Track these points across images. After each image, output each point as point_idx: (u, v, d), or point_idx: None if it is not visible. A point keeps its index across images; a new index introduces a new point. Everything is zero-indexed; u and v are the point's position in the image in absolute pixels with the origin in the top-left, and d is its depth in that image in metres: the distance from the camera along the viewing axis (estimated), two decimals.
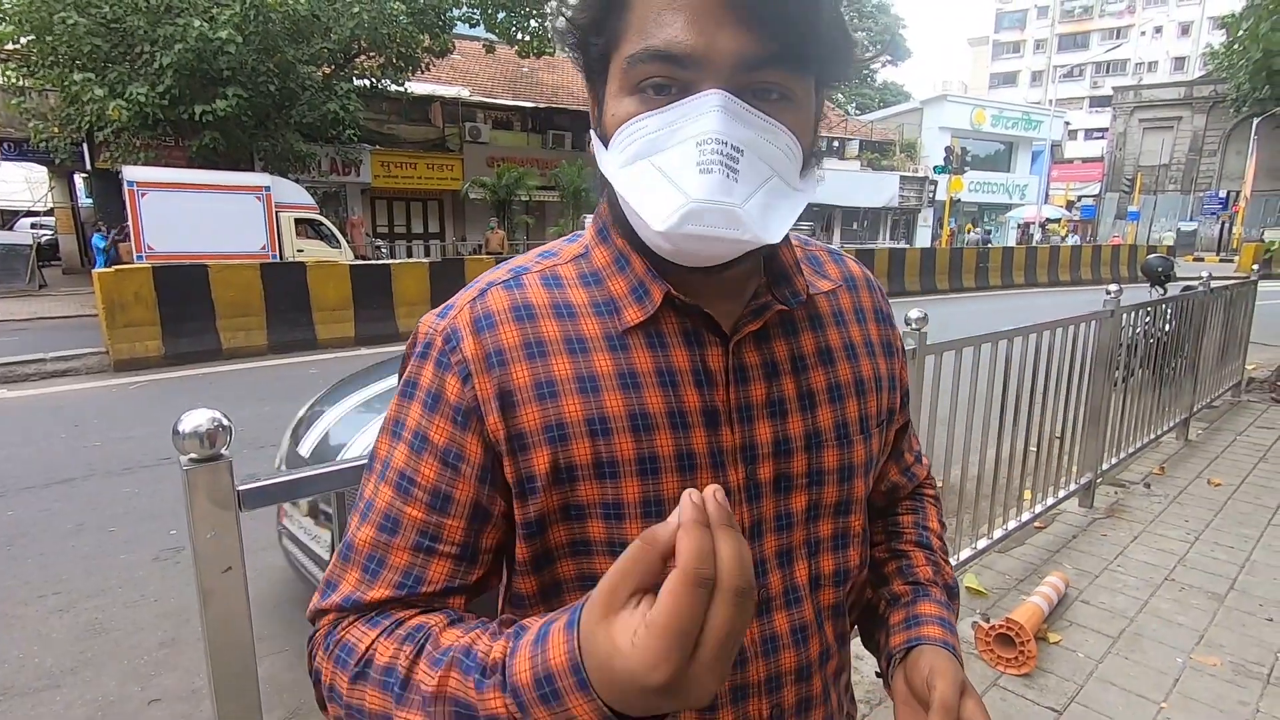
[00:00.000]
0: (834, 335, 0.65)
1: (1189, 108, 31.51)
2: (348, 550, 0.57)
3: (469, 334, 0.57)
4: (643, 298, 0.58)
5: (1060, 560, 3.03)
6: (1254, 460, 4.33)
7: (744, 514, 0.59)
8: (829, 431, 0.62)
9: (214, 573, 0.92)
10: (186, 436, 0.89)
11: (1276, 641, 2.44)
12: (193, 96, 11.47)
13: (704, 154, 0.49)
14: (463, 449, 0.56)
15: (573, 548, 0.58)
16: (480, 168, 19.49)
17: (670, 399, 0.57)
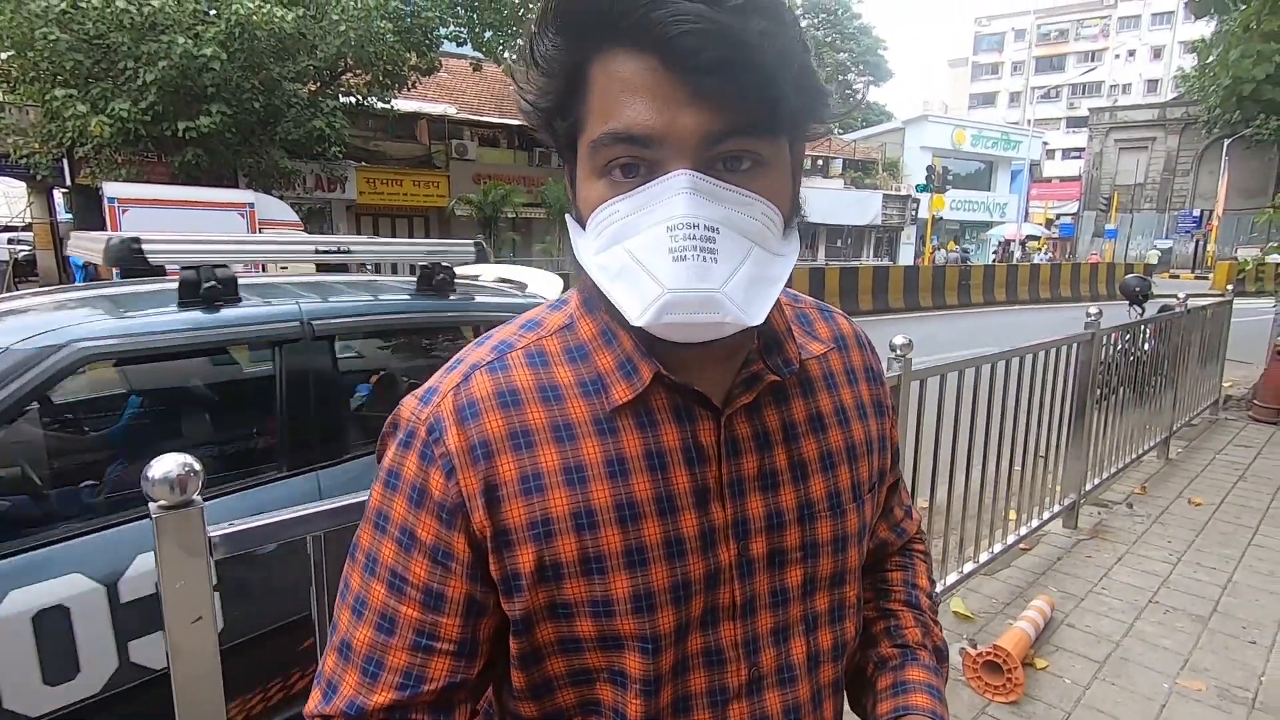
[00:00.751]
0: (825, 400, 0.64)
1: (1163, 129, 32.26)
2: (346, 650, 0.56)
3: (453, 424, 0.54)
4: (631, 375, 0.56)
5: (1045, 583, 3.03)
6: (1233, 479, 4.38)
7: (735, 591, 0.58)
8: (822, 502, 0.61)
9: (183, 623, 0.89)
10: (156, 483, 0.86)
11: (1259, 665, 2.45)
12: (176, 113, 11.41)
13: (675, 240, 0.47)
14: (450, 547, 0.54)
15: (561, 645, 0.56)
16: (466, 184, 19.51)
17: (659, 483, 0.55)
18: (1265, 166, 27.03)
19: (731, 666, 0.58)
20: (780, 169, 0.53)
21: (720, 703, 0.58)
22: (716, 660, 0.58)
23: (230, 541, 0.93)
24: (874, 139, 33.47)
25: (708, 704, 0.58)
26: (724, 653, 0.58)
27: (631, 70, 0.48)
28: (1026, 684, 2.28)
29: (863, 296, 14.12)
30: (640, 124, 0.48)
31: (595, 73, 0.49)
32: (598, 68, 0.49)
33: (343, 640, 0.57)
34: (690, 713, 0.57)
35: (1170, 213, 31.96)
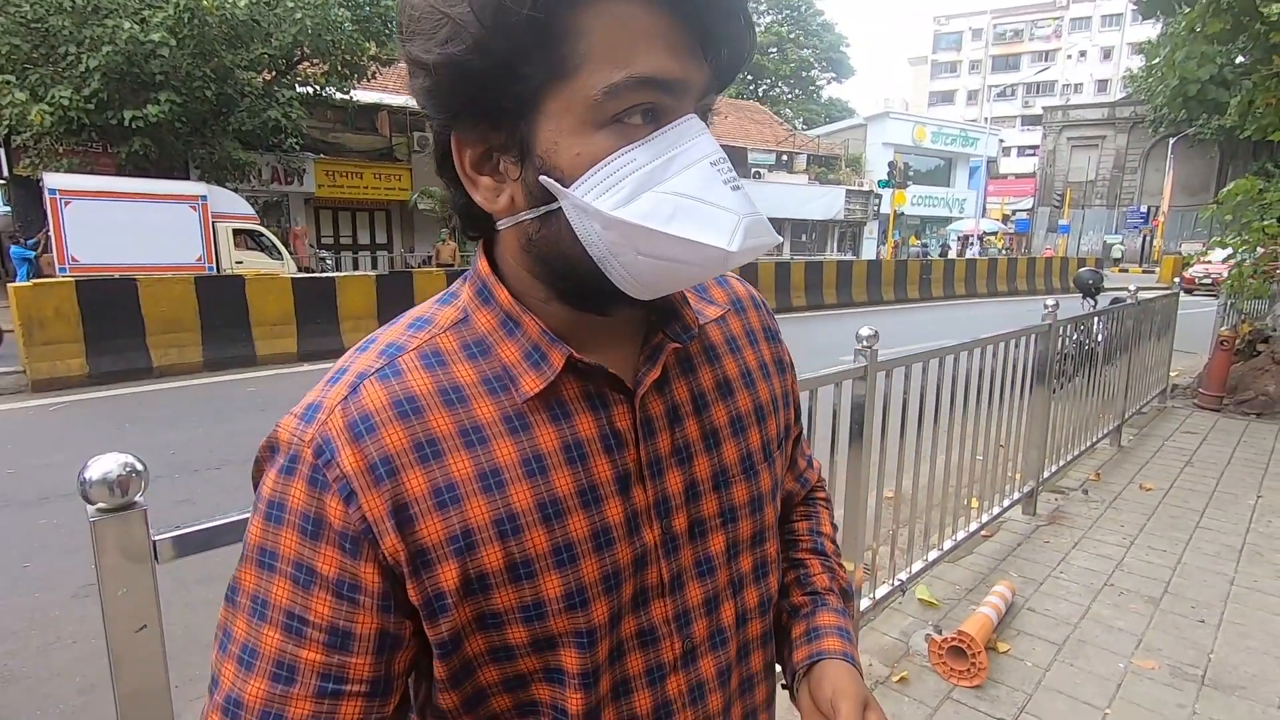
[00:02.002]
0: (730, 364, 0.63)
1: (1112, 127, 33.33)
2: (234, 708, 0.49)
3: (345, 443, 0.49)
4: (540, 363, 0.53)
5: (1007, 568, 3.10)
6: (1181, 464, 4.55)
7: (663, 570, 0.57)
8: (735, 466, 0.61)
9: (126, 633, 0.84)
10: (94, 484, 0.80)
11: (1209, 643, 2.55)
12: (122, 101, 10.97)
13: (722, 173, 0.49)
14: (357, 578, 0.48)
15: (493, 654, 0.53)
16: (430, 178, 19.12)
17: (580, 475, 0.53)
18: (1207, 165, 28.14)
19: (665, 643, 0.58)
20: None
21: (658, 679, 0.58)
22: (650, 639, 0.57)
23: (176, 545, 0.88)
24: (837, 135, 33.91)
25: (646, 683, 0.57)
26: (656, 630, 0.57)
27: (647, 18, 0.46)
28: (990, 668, 2.33)
29: (827, 290, 14.30)
30: (667, 69, 0.47)
31: (590, 16, 0.45)
32: (595, 11, 0.45)
33: (229, 697, 0.50)
34: (631, 694, 0.57)
35: (1119, 209, 33.07)
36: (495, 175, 0.51)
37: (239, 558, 0.53)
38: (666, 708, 0.58)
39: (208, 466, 4.51)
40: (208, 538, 0.91)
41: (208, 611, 2.80)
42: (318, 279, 9.08)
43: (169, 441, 5.02)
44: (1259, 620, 2.70)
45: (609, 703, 0.56)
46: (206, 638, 2.19)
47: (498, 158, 0.50)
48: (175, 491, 4.03)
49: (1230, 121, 10.44)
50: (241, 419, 5.75)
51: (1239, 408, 5.97)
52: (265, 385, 7.03)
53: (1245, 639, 2.57)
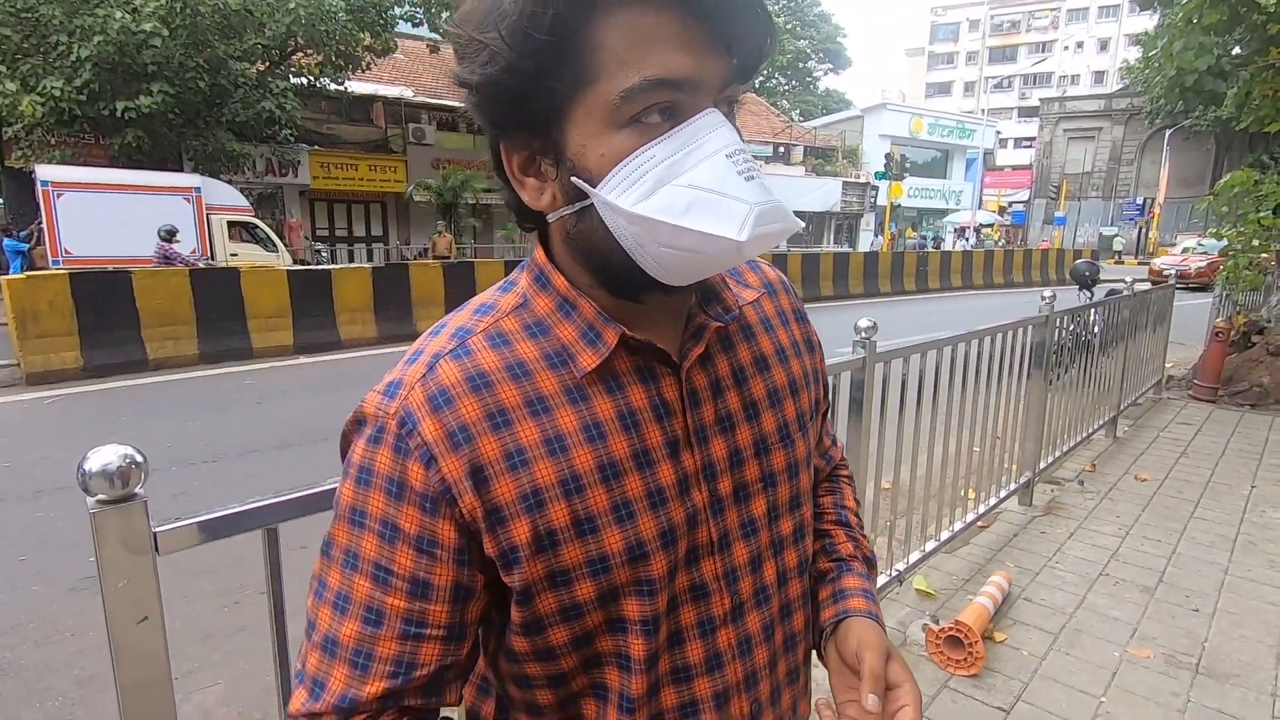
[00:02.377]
0: (765, 342, 0.69)
1: (1109, 119, 33.30)
2: (331, 646, 0.57)
3: (425, 415, 0.55)
4: (595, 341, 0.58)
5: (1003, 559, 3.12)
6: (1176, 455, 4.58)
7: (711, 529, 0.62)
8: (773, 435, 0.66)
9: (127, 624, 0.84)
10: (94, 476, 0.80)
11: (1203, 632, 2.57)
12: (114, 92, 10.88)
13: (738, 164, 0.51)
14: (435, 535, 0.55)
15: (563, 614, 0.58)
16: (425, 170, 19.08)
17: (634, 440, 0.58)
18: (1203, 157, 28.16)
19: (715, 598, 0.63)
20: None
21: (709, 631, 0.63)
22: (702, 594, 0.62)
23: (178, 537, 0.88)
24: (834, 127, 33.83)
25: (698, 634, 0.62)
26: (707, 586, 0.62)
27: (655, 21, 0.50)
28: (986, 657, 2.35)
29: (824, 282, 14.29)
30: (679, 68, 0.50)
31: (603, 29, 0.50)
32: (607, 24, 0.50)
33: (326, 637, 0.57)
34: (684, 644, 0.62)
35: (1115, 201, 33.09)
36: (538, 176, 0.56)
37: (332, 517, 0.59)
38: (718, 659, 0.63)
39: (204, 460, 4.50)
40: (209, 529, 0.91)
41: (209, 604, 2.81)
42: (313, 271, 9.05)
43: (165, 434, 5.01)
44: (1253, 609, 2.72)
45: (664, 651, 0.61)
46: (208, 629, 2.23)
47: (539, 161, 0.56)
48: (172, 485, 4.02)
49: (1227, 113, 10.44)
50: (238, 412, 5.74)
51: (1234, 399, 5.99)
52: (262, 378, 7.01)
53: (1239, 628, 2.59)
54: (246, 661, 2.46)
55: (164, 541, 0.86)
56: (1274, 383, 5.96)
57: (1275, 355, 6.06)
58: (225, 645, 2.57)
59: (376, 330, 8.76)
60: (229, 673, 2.42)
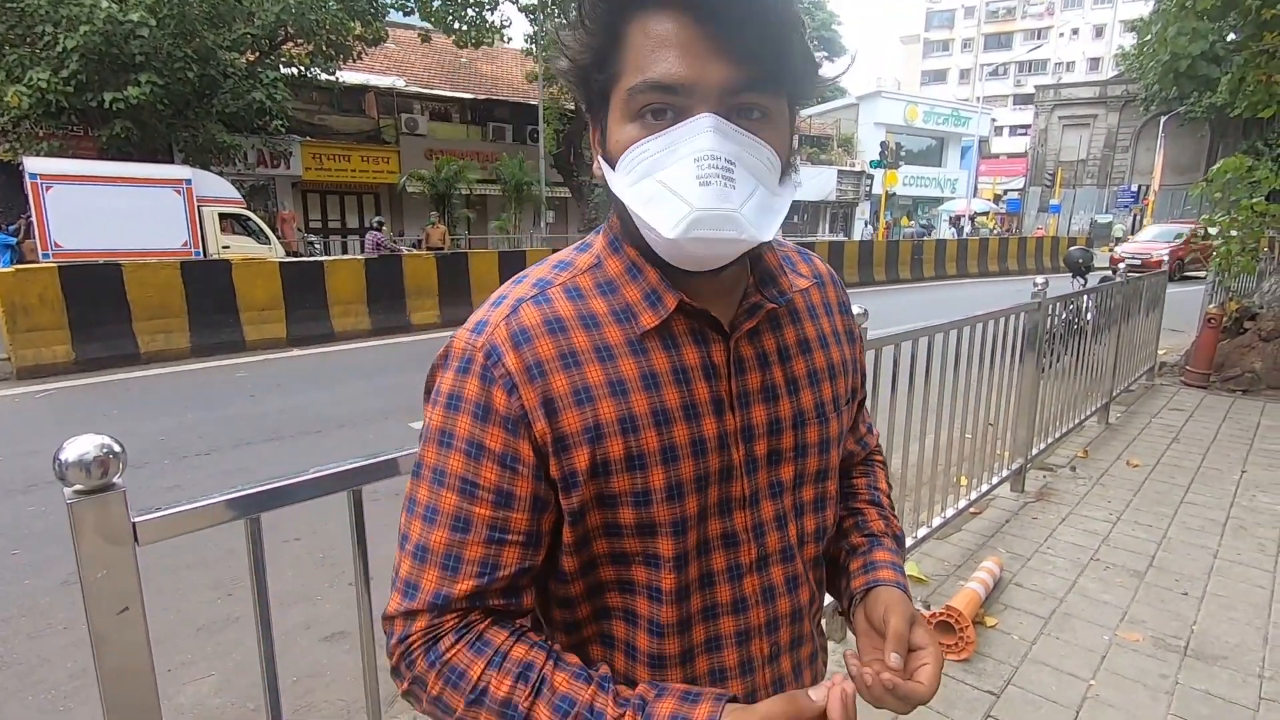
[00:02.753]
0: (810, 328, 0.75)
1: (1104, 106, 33.22)
2: (422, 553, 0.64)
3: (509, 349, 0.62)
4: (656, 304, 0.65)
5: (995, 544, 3.13)
6: (1167, 441, 4.60)
7: (745, 485, 0.69)
8: (810, 411, 0.72)
9: (108, 615, 0.84)
10: (70, 466, 0.79)
11: (1192, 615, 2.59)
12: (101, 82, 10.76)
13: (702, 168, 0.56)
14: (517, 452, 0.62)
15: (606, 529, 0.66)
16: (418, 160, 18.97)
17: (684, 394, 0.65)
18: (1197, 144, 28.12)
19: (744, 547, 0.70)
20: (781, 123, 0.63)
21: (736, 576, 0.70)
22: (732, 542, 0.69)
23: (158, 527, 0.87)
24: (829, 115, 33.68)
25: (727, 579, 0.69)
26: (737, 536, 0.69)
27: (666, 27, 0.57)
28: (978, 641, 2.36)
29: None
30: (672, 74, 0.57)
31: (633, 30, 0.58)
32: (635, 25, 0.58)
33: (417, 545, 0.64)
34: (714, 586, 0.69)
35: (1110, 188, 33.06)
36: (598, 151, 0.65)
37: (420, 440, 0.67)
38: (743, 601, 0.70)
39: (197, 453, 4.48)
40: (189, 520, 0.90)
41: (198, 596, 2.81)
42: (306, 263, 8.99)
43: (157, 428, 4.99)
44: (1241, 592, 2.74)
45: (696, 590, 0.68)
46: (199, 621, 2.22)
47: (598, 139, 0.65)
48: (164, 478, 4.01)
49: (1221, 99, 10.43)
50: (231, 405, 5.71)
51: (1225, 385, 6.02)
52: (255, 370, 6.98)
53: (1228, 610, 2.61)
54: (240, 653, 2.46)
55: (144, 531, 0.86)
56: (1265, 368, 5.98)
57: (1267, 341, 6.09)
58: (218, 637, 2.57)
59: (370, 322, 8.73)
60: (222, 664, 2.42)
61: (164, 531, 0.88)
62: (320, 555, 3.14)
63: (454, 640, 0.63)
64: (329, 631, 2.62)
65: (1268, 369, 5.97)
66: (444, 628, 0.63)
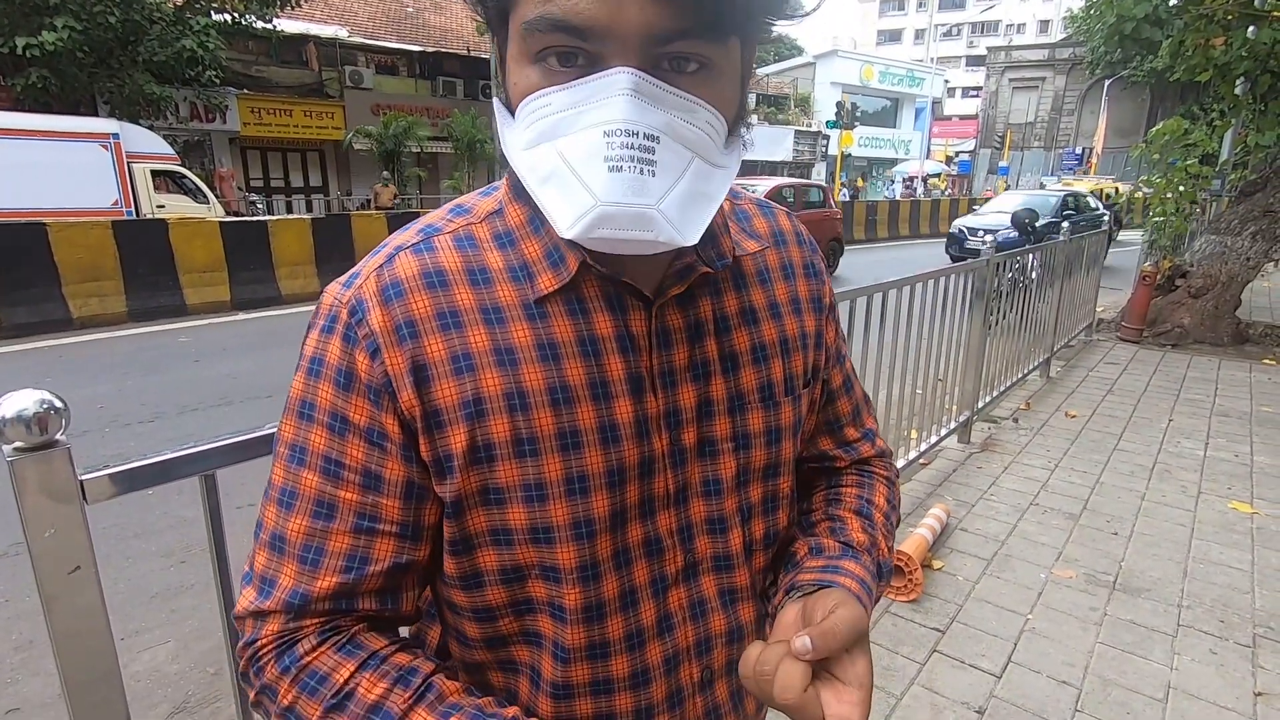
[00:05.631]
0: (758, 295, 0.63)
1: (1051, 69, 33.81)
2: (278, 543, 0.54)
3: (376, 305, 0.52)
4: (558, 264, 0.54)
5: (942, 493, 3.27)
6: (1103, 393, 4.84)
7: (669, 480, 0.58)
8: (753, 393, 0.61)
9: (58, 575, 0.81)
10: (9, 422, 0.75)
11: (1119, 552, 2.77)
12: (12, 27, 9.94)
13: (612, 147, 0.45)
14: (383, 427, 0.53)
15: (493, 535, 0.55)
16: (365, 116, 18.18)
17: (592, 369, 0.54)
18: (1139, 107, 28.96)
19: (669, 554, 0.59)
20: (729, 74, 0.50)
21: (661, 590, 0.59)
22: (656, 549, 0.59)
23: (107, 484, 0.84)
24: (786, 74, 33.46)
25: (650, 594, 0.59)
26: (661, 541, 0.59)
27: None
28: (925, 583, 2.48)
29: None
30: (581, 12, 0.44)
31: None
32: None
33: (273, 534, 0.54)
34: (637, 605, 0.58)
35: (1056, 150, 33.92)
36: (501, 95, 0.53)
37: (282, 413, 0.56)
38: (668, 620, 0.60)
39: (140, 420, 4.32)
40: (140, 476, 0.87)
41: (149, 564, 2.75)
42: (249, 223, 8.63)
43: (96, 395, 4.77)
44: (1165, 530, 2.94)
45: (617, 611, 0.57)
46: (152, 590, 2.18)
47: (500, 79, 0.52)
48: (107, 446, 3.86)
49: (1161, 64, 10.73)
50: (174, 370, 5.51)
51: (1157, 339, 6.34)
52: (198, 334, 6.72)
53: (1152, 548, 2.80)
54: (195, 619, 2.43)
55: (92, 489, 0.83)
56: (1194, 323, 6.32)
57: (1196, 298, 6.41)
58: (173, 604, 2.52)
59: (319, 284, 8.45)
60: (178, 631, 2.39)
61: (113, 488, 0.85)
62: None
63: (316, 643, 0.52)
64: None
65: (1196, 324, 6.31)
66: (303, 632, 0.53)
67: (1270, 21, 6.34)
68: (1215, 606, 2.41)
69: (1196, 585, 2.54)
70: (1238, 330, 6.33)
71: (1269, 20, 6.37)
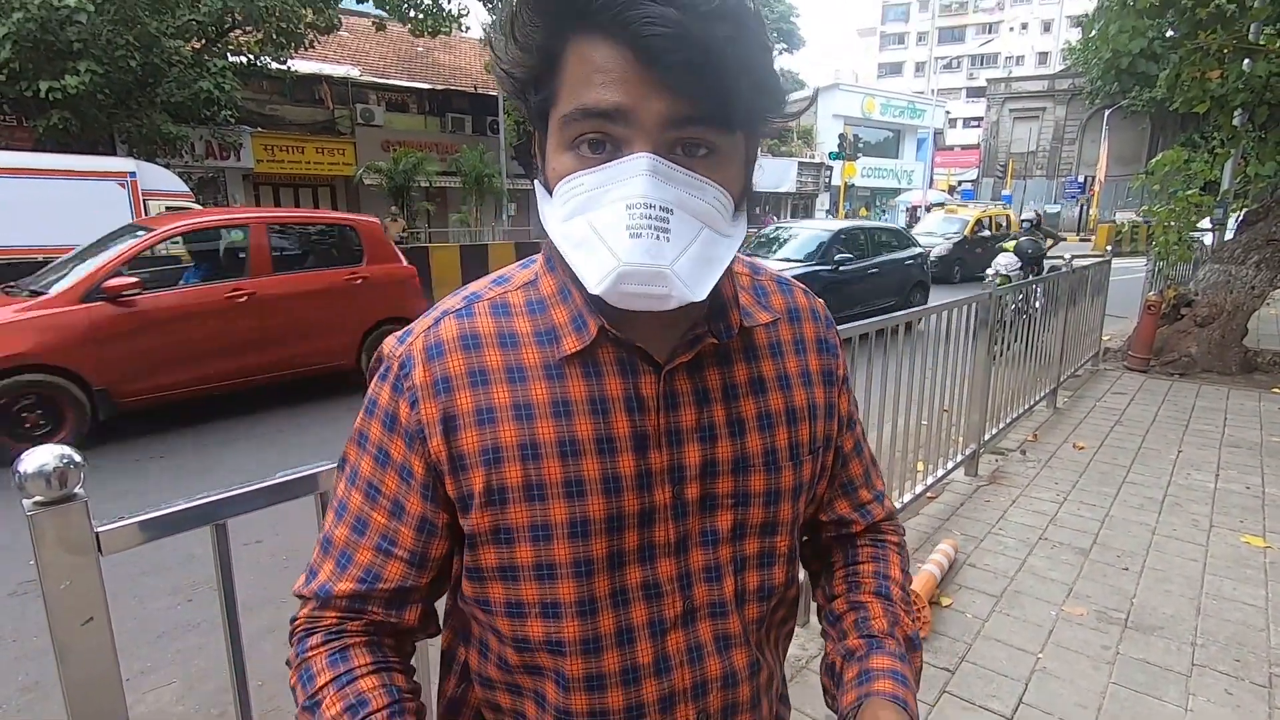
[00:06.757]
0: (768, 366, 0.69)
1: (1051, 99, 34.22)
2: (327, 544, 0.66)
3: (420, 361, 0.62)
4: (580, 328, 0.61)
5: (950, 527, 3.25)
6: (1111, 423, 4.81)
7: (670, 530, 0.64)
8: (757, 457, 0.66)
9: (72, 625, 0.83)
10: (30, 477, 0.78)
11: (1131, 588, 2.73)
12: (37, 71, 10.25)
13: (633, 217, 0.52)
14: (412, 466, 0.62)
15: (501, 572, 0.63)
16: (375, 152, 18.55)
17: (599, 426, 0.61)
18: (1139, 136, 29.19)
19: (668, 599, 0.65)
20: (734, 158, 0.58)
21: (659, 632, 0.65)
22: (655, 593, 0.64)
23: (121, 536, 0.87)
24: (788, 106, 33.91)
25: (649, 635, 0.64)
26: (661, 586, 0.64)
27: (605, 56, 0.52)
28: (934, 621, 2.46)
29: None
30: (610, 102, 0.52)
31: (570, 54, 0.54)
32: (573, 50, 0.54)
33: (325, 536, 0.67)
34: (635, 643, 0.64)
35: (1058, 179, 34.13)
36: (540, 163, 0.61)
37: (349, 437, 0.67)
38: (665, 661, 0.65)
39: (150, 457, 4.36)
40: (154, 527, 0.89)
41: (157, 602, 2.75)
42: None
43: (111, 429, 4.82)
44: (1177, 566, 2.90)
45: (613, 647, 0.63)
46: (159, 628, 2.18)
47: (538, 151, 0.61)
48: (117, 482, 3.89)
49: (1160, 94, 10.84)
50: (190, 404, 5.55)
51: (1164, 369, 6.31)
52: None
53: (1164, 584, 2.76)
54: (202, 659, 2.42)
55: (107, 541, 0.85)
56: (1201, 352, 6.29)
57: (1202, 326, 6.39)
58: (179, 643, 2.52)
59: None
60: (184, 671, 2.38)
61: (128, 540, 0.87)
62: (284, 558, 3.09)
63: (321, 641, 0.64)
64: None
65: (1203, 353, 6.28)
66: (321, 623, 0.65)
67: (1265, 55, 6.44)
68: (1230, 645, 2.38)
69: (1210, 623, 2.50)
70: (1245, 359, 6.31)
71: (1264, 54, 6.47)
